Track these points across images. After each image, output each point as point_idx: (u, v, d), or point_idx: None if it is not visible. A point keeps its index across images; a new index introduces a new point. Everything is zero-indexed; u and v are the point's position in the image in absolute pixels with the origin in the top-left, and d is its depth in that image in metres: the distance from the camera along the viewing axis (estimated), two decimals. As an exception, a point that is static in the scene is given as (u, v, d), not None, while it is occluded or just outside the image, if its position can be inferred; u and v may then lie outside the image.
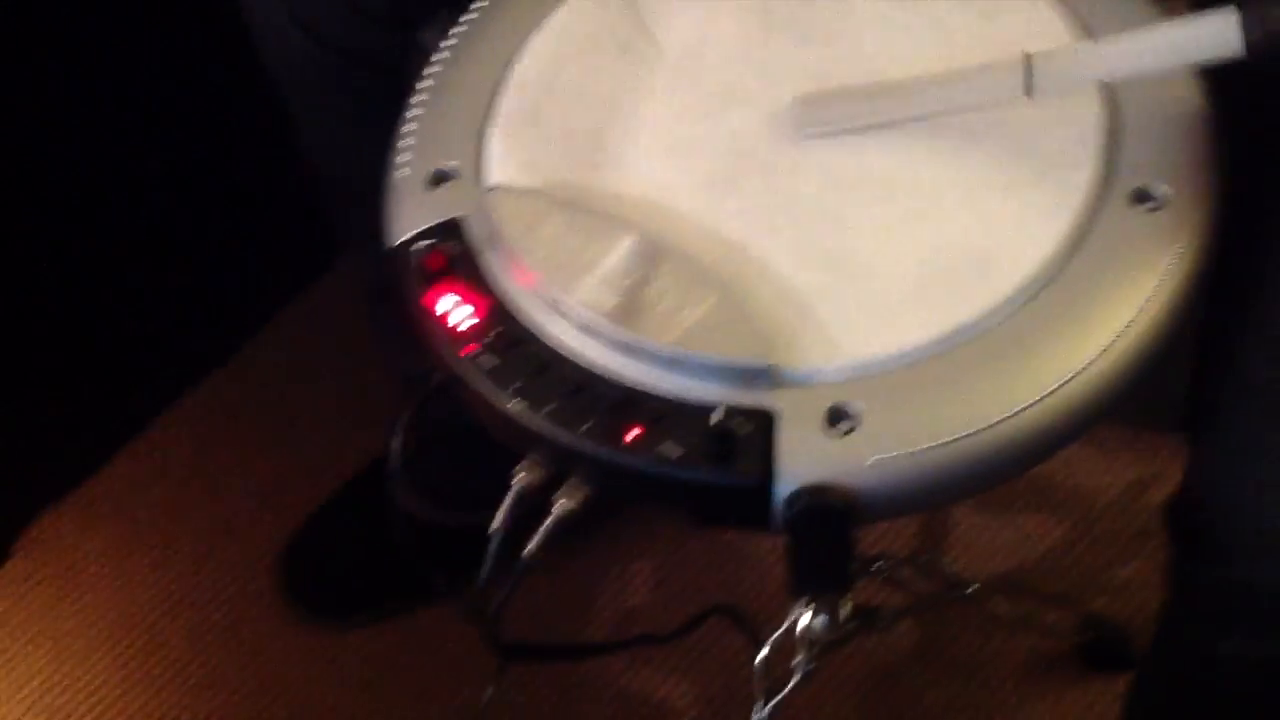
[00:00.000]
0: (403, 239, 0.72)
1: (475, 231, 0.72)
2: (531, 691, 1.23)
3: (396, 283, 0.72)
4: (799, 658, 1.07)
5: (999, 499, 1.29)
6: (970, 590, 1.19)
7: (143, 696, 1.30)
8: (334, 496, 1.36)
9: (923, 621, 1.24)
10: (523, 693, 1.23)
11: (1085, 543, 1.27)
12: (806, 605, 1.05)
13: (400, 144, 0.76)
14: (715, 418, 0.63)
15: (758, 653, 1.08)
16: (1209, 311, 0.72)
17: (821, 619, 1.05)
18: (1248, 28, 0.61)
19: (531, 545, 0.68)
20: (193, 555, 1.39)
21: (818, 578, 0.66)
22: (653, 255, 0.68)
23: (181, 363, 1.50)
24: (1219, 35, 0.62)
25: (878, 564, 1.15)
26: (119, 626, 1.35)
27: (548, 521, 0.67)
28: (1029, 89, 0.68)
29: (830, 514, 0.62)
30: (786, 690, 1.05)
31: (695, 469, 0.63)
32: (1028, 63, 0.68)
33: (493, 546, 0.69)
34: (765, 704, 1.05)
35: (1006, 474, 0.65)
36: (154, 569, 1.38)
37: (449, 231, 0.72)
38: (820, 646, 1.06)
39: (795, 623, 1.06)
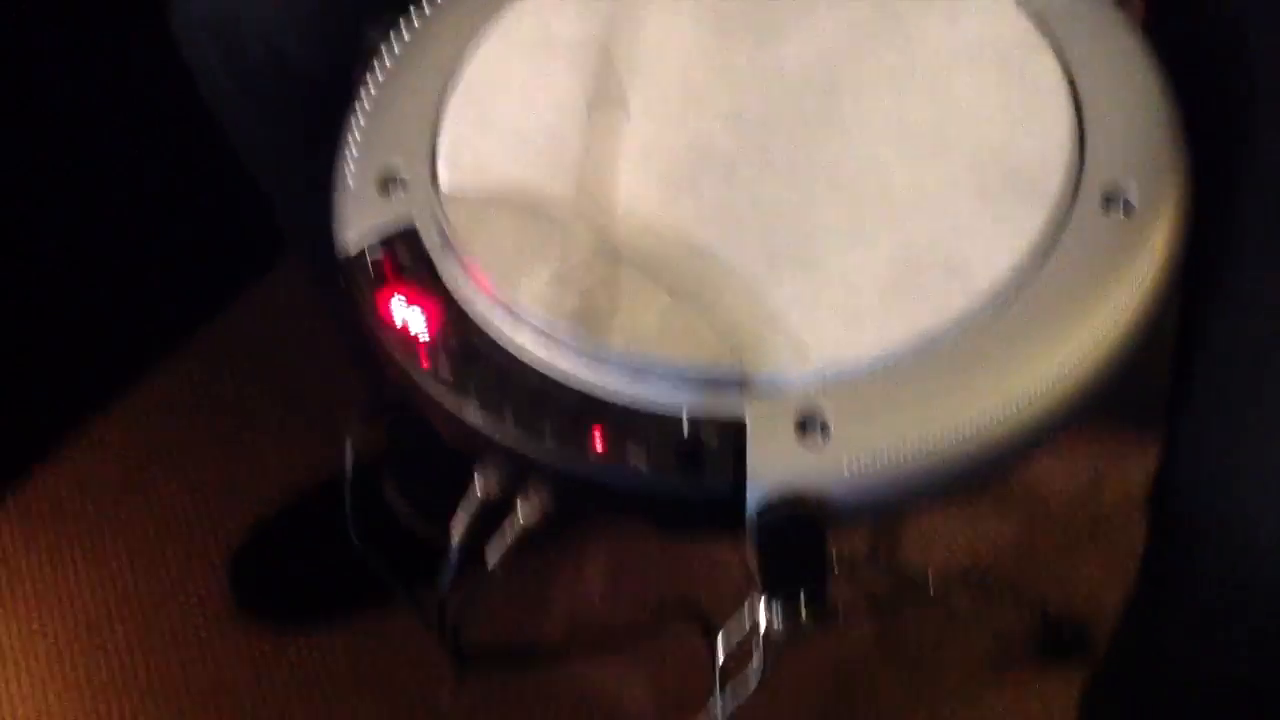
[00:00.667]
0: (353, 245, 0.70)
1: (428, 237, 0.69)
2: (487, 691, 1.21)
3: (348, 290, 0.69)
4: (757, 656, 1.06)
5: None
6: (927, 586, 1.18)
7: (86, 700, 1.27)
8: (286, 506, 1.33)
9: (880, 617, 1.23)
10: (478, 691, 1.21)
11: (1041, 537, 1.27)
12: (765, 605, 1.04)
13: (348, 146, 0.74)
14: (684, 428, 0.61)
15: (716, 651, 1.07)
16: (1184, 294, 0.71)
17: (780, 619, 1.04)
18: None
19: (493, 560, 0.66)
20: (133, 558, 1.35)
21: (791, 585, 0.64)
22: (613, 259, 0.66)
23: (119, 360, 1.46)
24: None
25: (835, 561, 1.14)
26: (60, 631, 1.32)
27: (509, 534, 0.66)
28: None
29: (803, 523, 0.60)
30: (747, 691, 1.05)
31: (663, 480, 0.61)
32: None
33: (453, 557, 0.67)
34: (724, 703, 1.04)
35: (979, 481, 0.63)
36: (93, 572, 1.35)
37: (401, 237, 0.70)
38: (779, 645, 1.06)
39: (754, 622, 1.06)
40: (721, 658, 1.05)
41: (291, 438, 1.40)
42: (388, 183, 0.72)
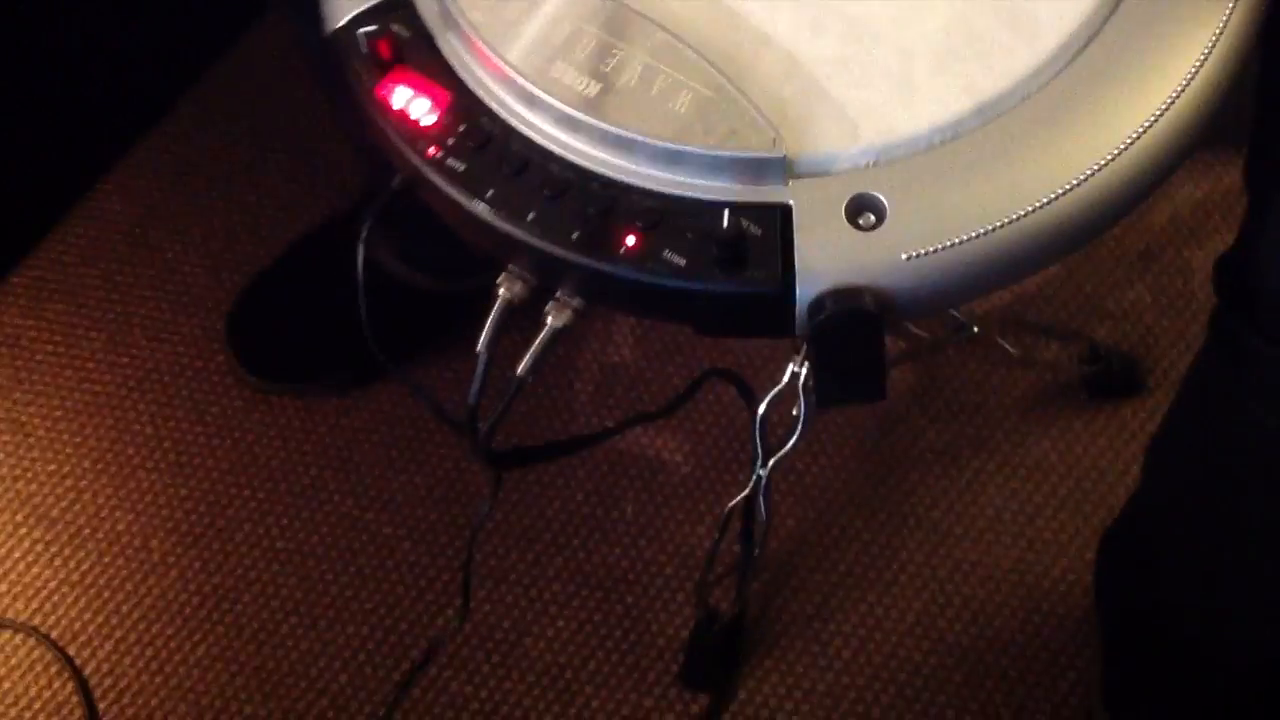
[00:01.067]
0: (344, 21, 0.63)
1: (428, 9, 0.62)
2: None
3: (341, 73, 0.63)
4: (798, 407, 1.03)
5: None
6: (970, 327, 1.14)
7: (114, 480, 1.25)
8: (280, 257, 1.28)
9: (921, 363, 1.19)
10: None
11: (1085, 269, 1.21)
12: (802, 357, 1.00)
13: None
14: (723, 219, 0.55)
15: (755, 409, 1.03)
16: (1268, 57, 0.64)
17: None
18: None
19: (524, 365, 0.61)
20: (148, 331, 1.31)
21: (848, 387, 0.59)
22: (638, 30, 0.59)
23: (112, 124, 1.39)
24: None
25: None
26: (80, 410, 1.29)
27: (539, 339, 0.60)
28: None
29: (859, 319, 0.55)
30: (788, 447, 1.01)
31: (703, 278, 0.56)
32: None
33: (480, 367, 0.62)
34: (766, 459, 1.01)
35: (1053, 259, 0.58)
36: (109, 348, 1.31)
37: (397, 9, 0.62)
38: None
39: (795, 374, 1.02)
40: (762, 409, 1.02)
41: (294, 195, 1.34)
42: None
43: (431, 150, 0.59)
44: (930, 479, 1.15)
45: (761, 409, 1.03)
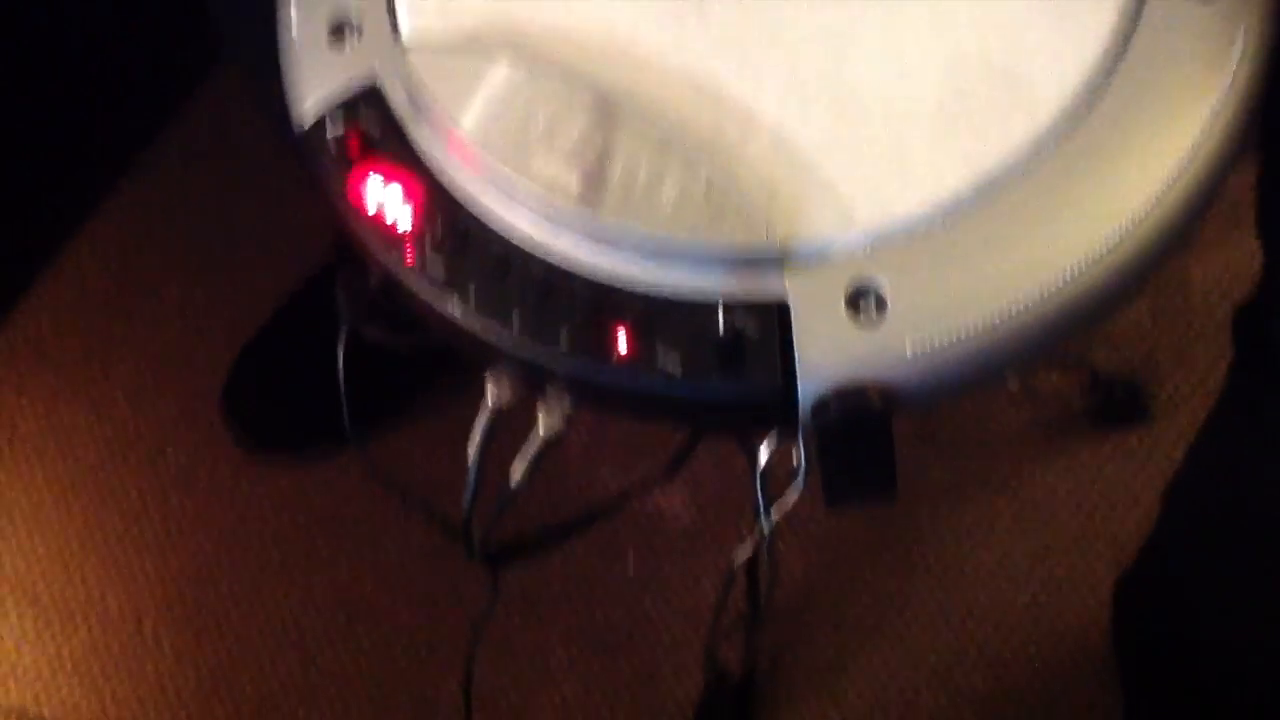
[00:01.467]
0: (313, 120, 0.60)
1: (397, 99, 0.59)
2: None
3: (310, 170, 0.60)
4: (797, 456, 0.99)
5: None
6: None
7: (103, 557, 1.22)
8: (267, 324, 1.25)
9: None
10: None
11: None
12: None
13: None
14: (719, 320, 0.52)
15: (755, 464, 1.00)
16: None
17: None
18: None
19: (518, 480, 0.58)
20: (132, 397, 1.28)
21: (858, 486, 0.56)
22: (618, 116, 0.56)
23: (77, 181, 1.36)
24: None
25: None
26: (66, 484, 1.26)
27: (531, 449, 0.58)
28: None
29: (866, 417, 0.52)
30: (789, 500, 0.98)
31: (700, 384, 0.53)
32: None
33: (472, 476, 0.59)
34: (768, 511, 0.98)
35: (1071, 336, 0.54)
36: (93, 417, 1.28)
37: (365, 101, 0.60)
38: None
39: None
40: (763, 462, 0.99)
41: (269, 247, 1.31)
42: (339, 28, 0.62)
43: (408, 256, 0.56)
44: (938, 519, 1.12)
45: (762, 461, 1.00)
